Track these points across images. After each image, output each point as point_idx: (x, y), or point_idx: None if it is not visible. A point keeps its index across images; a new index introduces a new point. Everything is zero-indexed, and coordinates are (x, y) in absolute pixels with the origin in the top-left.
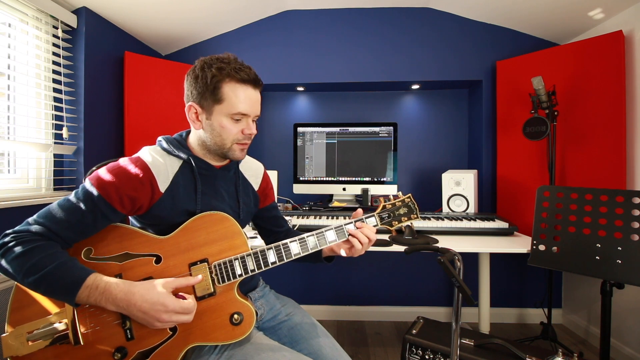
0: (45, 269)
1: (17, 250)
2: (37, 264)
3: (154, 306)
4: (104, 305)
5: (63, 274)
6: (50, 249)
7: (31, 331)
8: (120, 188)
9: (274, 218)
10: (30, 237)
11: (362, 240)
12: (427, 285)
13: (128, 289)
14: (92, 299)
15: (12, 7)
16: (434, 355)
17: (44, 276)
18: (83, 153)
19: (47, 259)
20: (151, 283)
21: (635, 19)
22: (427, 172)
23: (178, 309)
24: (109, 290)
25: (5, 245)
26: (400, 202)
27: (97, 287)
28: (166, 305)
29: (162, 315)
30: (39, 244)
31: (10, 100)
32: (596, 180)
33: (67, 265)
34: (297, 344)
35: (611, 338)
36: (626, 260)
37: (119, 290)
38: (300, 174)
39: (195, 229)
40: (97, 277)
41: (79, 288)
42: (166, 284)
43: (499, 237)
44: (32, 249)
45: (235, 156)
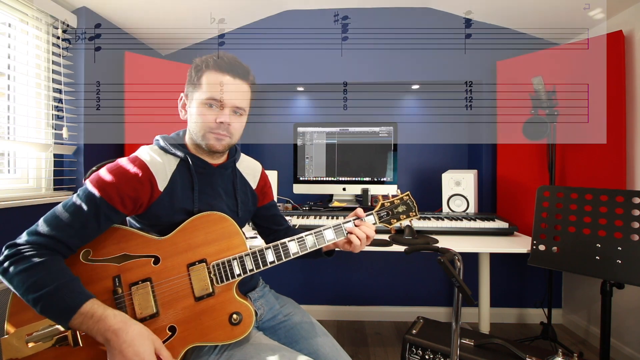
0: (45, 289)
1: (20, 265)
2: (38, 283)
3: (134, 357)
4: (93, 334)
5: (61, 297)
6: (53, 267)
7: (31, 333)
8: (121, 189)
9: (273, 217)
10: (34, 251)
11: (359, 236)
12: (427, 285)
13: (125, 322)
14: (84, 326)
15: (12, 7)
16: (434, 355)
17: (42, 296)
18: (83, 153)
19: (48, 278)
20: (146, 330)
21: (635, 19)
22: (427, 172)
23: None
24: (104, 320)
25: (9, 258)
26: (399, 200)
27: (93, 315)
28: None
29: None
30: (42, 260)
31: (10, 100)
32: (596, 180)
33: (66, 288)
34: (296, 344)
35: (611, 338)
36: (626, 260)
37: (116, 321)
38: (300, 174)
39: (193, 230)
40: (95, 305)
41: (74, 314)
42: (156, 342)
43: (499, 237)
44: (34, 265)
45: (210, 145)
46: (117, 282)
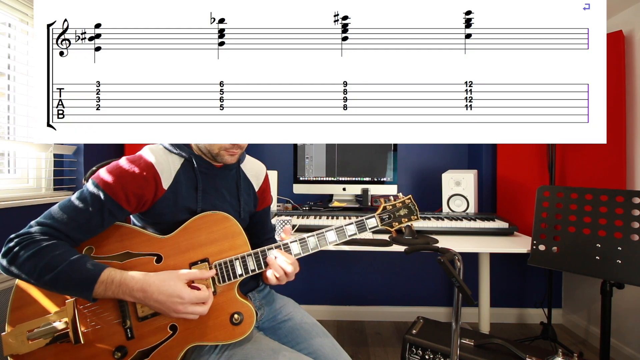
0: (59, 268)
1: (26, 253)
2: (51, 263)
3: (170, 298)
4: (121, 297)
5: (77, 272)
6: (60, 248)
7: (31, 330)
8: (126, 186)
9: (265, 223)
10: (36, 239)
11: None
12: (427, 285)
13: (144, 280)
14: (109, 293)
15: (12, 7)
16: (434, 355)
17: (59, 274)
18: (83, 153)
19: (59, 257)
20: (167, 274)
21: (635, 19)
22: (427, 172)
23: (194, 300)
24: (125, 283)
25: (12, 249)
26: (401, 203)
27: (113, 281)
28: (182, 296)
29: (178, 306)
30: (47, 244)
31: (10, 100)
32: (596, 180)
33: (79, 263)
34: (297, 344)
35: (611, 338)
36: (626, 260)
37: (135, 282)
38: (300, 174)
39: (196, 229)
40: (112, 272)
41: (95, 284)
42: (181, 276)
43: (499, 237)
44: (41, 249)
45: (225, 161)
46: None
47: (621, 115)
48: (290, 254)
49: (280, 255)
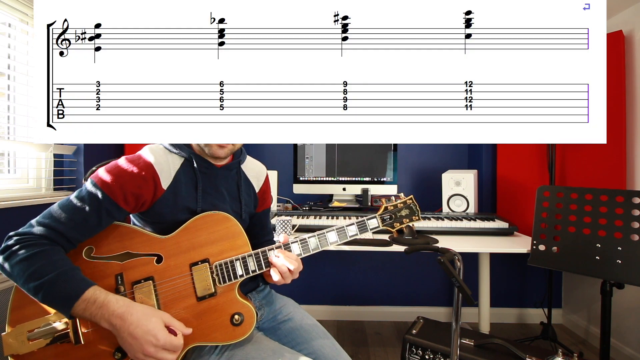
0: (46, 277)
1: (20, 254)
2: (39, 271)
3: (145, 335)
4: (97, 321)
5: (63, 284)
6: (54, 256)
7: (31, 330)
8: (124, 185)
9: (265, 224)
10: (34, 241)
11: (281, 271)
12: (427, 285)
13: (127, 307)
14: (87, 313)
15: (12, 7)
16: (434, 355)
17: (43, 284)
18: (83, 153)
19: (49, 266)
20: (151, 309)
21: (635, 19)
22: (427, 172)
23: (168, 345)
24: (106, 306)
25: (10, 248)
26: (402, 204)
27: (95, 301)
28: (158, 338)
29: (149, 347)
30: (43, 249)
31: (10, 100)
32: (596, 180)
33: (67, 275)
34: (297, 345)
35: (611, 338)
36: (626, 260)
37: (119, 306)
38: (300, 174)
39: (197, 229)
40: (97, 291)
41: (77, 300)
42: (164, 316)
43: (499, 237)
44: (35, 254)
45: (213, 152)
46: (119, 280)
47: (621, 115)
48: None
49: (283, 254)
